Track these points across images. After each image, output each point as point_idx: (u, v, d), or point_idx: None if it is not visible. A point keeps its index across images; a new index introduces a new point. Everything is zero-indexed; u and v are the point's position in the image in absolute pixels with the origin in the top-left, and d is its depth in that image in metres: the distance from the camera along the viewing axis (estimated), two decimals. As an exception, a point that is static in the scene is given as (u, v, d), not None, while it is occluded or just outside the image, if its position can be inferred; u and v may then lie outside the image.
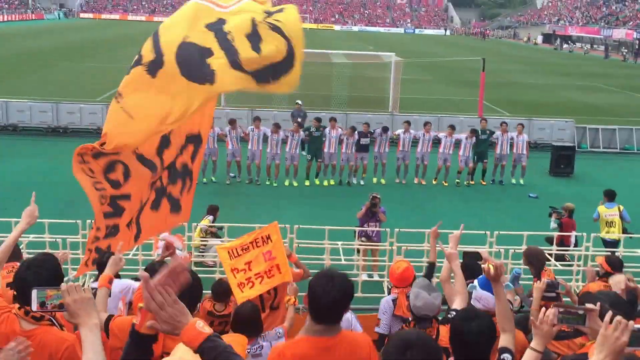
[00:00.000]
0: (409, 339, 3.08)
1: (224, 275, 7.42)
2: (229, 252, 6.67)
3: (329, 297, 3.85)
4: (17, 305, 4.06)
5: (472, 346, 3.92)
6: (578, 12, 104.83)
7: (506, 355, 4.18)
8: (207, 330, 2.76)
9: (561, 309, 3.61)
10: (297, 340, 4.16)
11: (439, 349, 3.19)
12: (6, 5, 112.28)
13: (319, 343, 3.97)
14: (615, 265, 7.36)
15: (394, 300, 6.57)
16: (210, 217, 12.79)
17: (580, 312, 3.62)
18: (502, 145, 19.46)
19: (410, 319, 5.81)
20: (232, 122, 18.52)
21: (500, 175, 19.75)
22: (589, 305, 3.73)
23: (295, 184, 18.69)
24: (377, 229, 12.31)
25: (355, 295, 6.23)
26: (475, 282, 5.88)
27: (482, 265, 6.64)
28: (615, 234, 12.87)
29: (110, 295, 5.30)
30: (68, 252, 6.33)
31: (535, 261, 7.90)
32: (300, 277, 7.23)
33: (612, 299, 4.53)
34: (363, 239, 12.16)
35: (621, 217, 13.13)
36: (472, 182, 19.60)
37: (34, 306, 3.34)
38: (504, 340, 4.31)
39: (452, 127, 19.56)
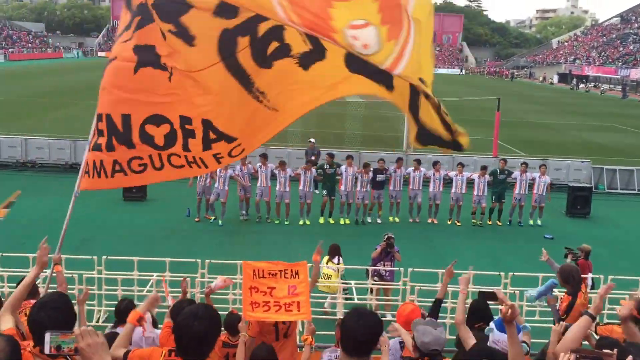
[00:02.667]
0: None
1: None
2: (254, 271, 6.70)
3: (359, 332, 4.16)
4: (31, 343, 4.06)
5: None
6: (595, 52, 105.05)
7: None
8: None
9: (579, 355, 3.55)
10: None
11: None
12: (29, 45, 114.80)
13: None
14: None
15: (401, 343, 6.48)
16: (335, 260, 12.34)
17: (599, 357, 3.56)
18: (520, 185, 19.30)
19: (416, 357, 5.67)
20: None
21: (519, 216, 19.54)
22: (606, 351, 3.67)
23: (307, 222, 18.62)
24: (391, 268, 12.23)
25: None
26: (492, 324, 5.79)
27: (500, 307, 6.57)
28: None
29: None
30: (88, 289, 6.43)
31: (572, 280, 7.72)
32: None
33: None
34: (376, 278, 12.06)
35: None
36: (490, 222, 19.41)
37: (47, 349, 3.35)
38: None
39: (462, 165, 19.61)
